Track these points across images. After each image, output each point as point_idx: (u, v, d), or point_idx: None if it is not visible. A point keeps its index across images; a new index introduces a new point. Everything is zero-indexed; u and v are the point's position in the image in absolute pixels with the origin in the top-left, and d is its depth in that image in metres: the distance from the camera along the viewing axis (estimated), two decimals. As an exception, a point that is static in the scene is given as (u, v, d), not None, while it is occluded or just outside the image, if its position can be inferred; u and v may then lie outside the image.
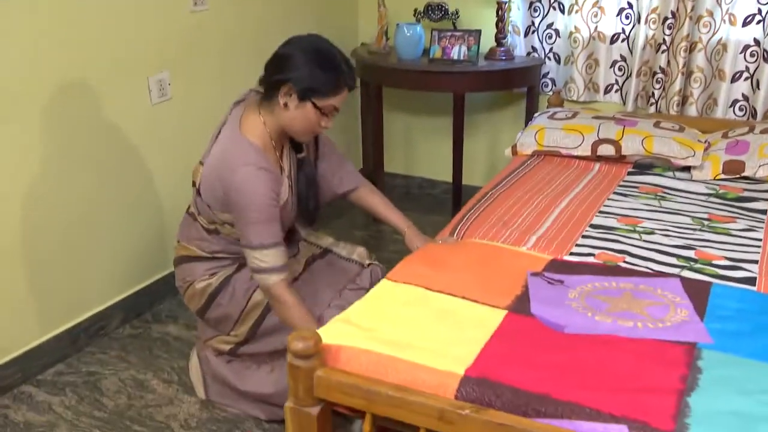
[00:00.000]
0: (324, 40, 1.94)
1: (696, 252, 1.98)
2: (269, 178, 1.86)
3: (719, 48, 2.95)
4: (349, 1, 3.66)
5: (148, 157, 2.63)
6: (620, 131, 2.70)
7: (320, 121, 1.89)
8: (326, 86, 1.85)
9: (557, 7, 3.23)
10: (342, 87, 1.88)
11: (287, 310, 1.87)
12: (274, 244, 1.86)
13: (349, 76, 1.89)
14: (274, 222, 1.87)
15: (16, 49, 2.12)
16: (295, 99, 1.85)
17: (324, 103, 1.86)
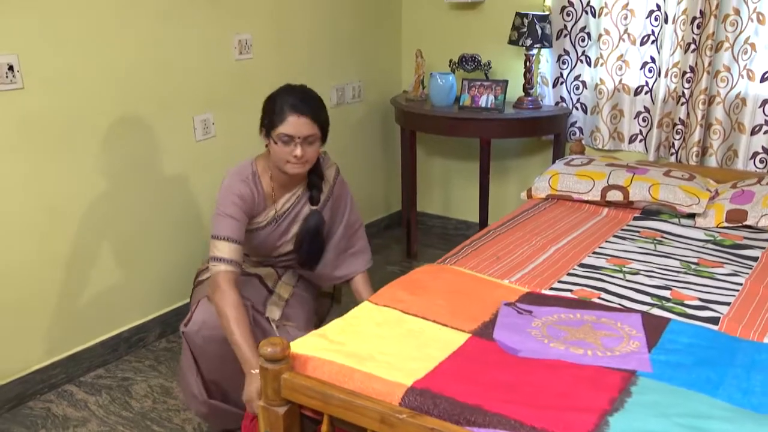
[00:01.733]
0: (288, 84, 2.15)
1: (671, 292, 2.08)
2: (246, 189, 2.12)
3: (738, 102, 3.03)
4: (393, 51, 3.93)
5: (192, 186, 2.94)
6: (629, 178, 2.81)
7: (290, 151, 2.07)
8: (274, 117, 2.07)
9: (584, 60, 3.39)
10: (285, 114, 2.04)
11: (222, 300, 1.99)
12: (226, 238, 2.06)
13: (293, 104, 2.04)
14: (233, 220, 2.08)
15: (80, 87, 2.48)
16: (265, 138, 2.12)
17: (277, 133, 2.06)
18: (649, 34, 3.21)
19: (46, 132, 2.43)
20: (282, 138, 2.06)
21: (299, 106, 2.05)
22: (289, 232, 2.26)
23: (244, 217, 2.13)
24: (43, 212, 2.46)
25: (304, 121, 2.05)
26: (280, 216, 2.23)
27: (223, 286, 2.03)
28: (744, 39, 2.95)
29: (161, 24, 2.70)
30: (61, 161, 2.48)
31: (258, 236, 2.23)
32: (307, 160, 2.11)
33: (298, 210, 2.25)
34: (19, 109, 2.35)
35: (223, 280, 2.04)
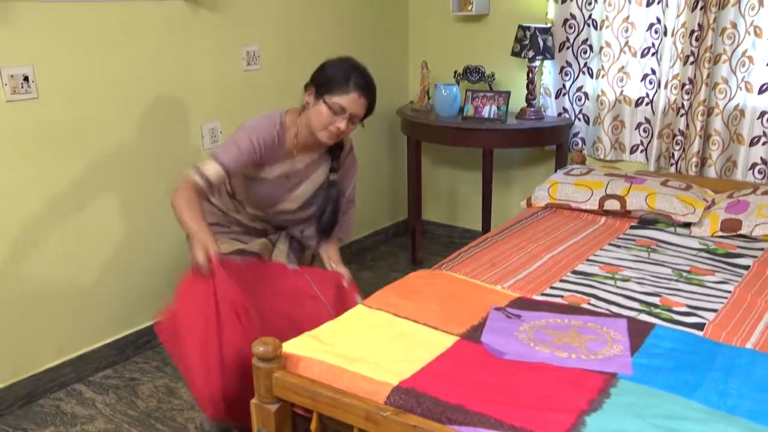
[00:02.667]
0: (350, 57, 2.24)
1: (660, 299, 2.13)
2: (269, 136, 2.19)
3: (736, 113, 3.07)
4: (400, 62, 4.01)
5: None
6: (627, 188, 2.86)
7: (333, 121, 2.16)
8: (336, 85, 2.14)
9: (586, 72, 3.45)
10: (350, 88, 2.14)
11: (178, 195, 2.08)
12: (221, 162, 2.13)
13: (360, 84, 2.15)
14: (239, 152, 2.14)
15: (92, 97, 2.58)
16: (312, 97, 2.19)
17: (332, 101, 2.14)
18: (649, 46, 3.26)
19: (59, 139, 2.53)
20: (335, 107, 2.15)
21: (365, 89, 2.17)
22: (295, 190, 2.32)
23: (251, 156, 2.18)
24: (54, 215, 2.56)
25: (363, 102, 2.18)
26: (292, 174, 2.28)
27: (184, 187, 2.09)
28: (741, 52, 3.00)
29: (170, 36, 2.80)
30: (73, 167, 2.58)
31: (263, 186, 2.28)
32: (343, 135, 2.21)
33: (311, 172, 2.32)
34: (34, 117, 2.45)
35: (188, 185, 2.09)
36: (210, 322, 1.91)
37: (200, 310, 1.93)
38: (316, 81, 2.20)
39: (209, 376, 1.89)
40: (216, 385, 1.89)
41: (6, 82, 2.36)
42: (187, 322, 1.95)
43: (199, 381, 1.91)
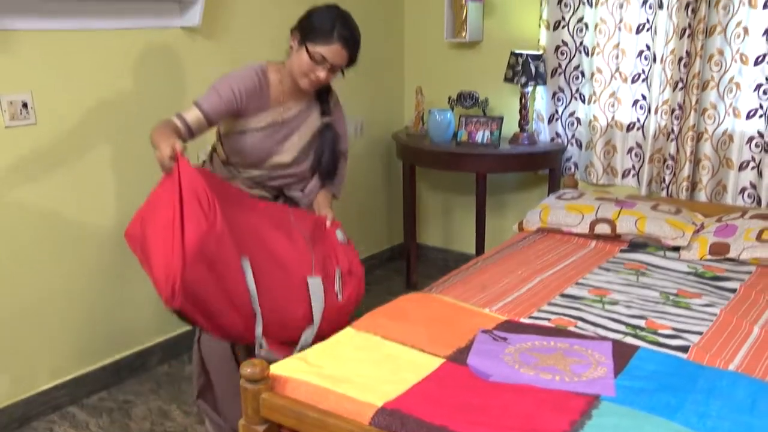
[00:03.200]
0: (338, 6, 2.22)
1: (646, 321, 2.15)
2: (254, 82, 2.19)
3: (725, 138, 3.11)
4: (395, 87, 4.07)
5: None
6: (617, 212, 2.89)
7: (314, 69, 2.17)
8: (320, 34, 2.14)
9: (578, 97, 3.50)
10: (333, 39, 2.13)
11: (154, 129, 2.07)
12: (199, 106, 2.14)
13: (344, 35, 2.14)
14: (219, 99, 2.15)
15: (88, 121, 2.63)
16: (296, 42, 2.19)
17: (314, 50, 2.14)
18: (639, 72, 3.31)
19: (56, 164, 2.58)
20: (316, 56, 2.15)
21: (348, 40, 2.16)
22: (287, 141, 2.31)
23: (231, 104, 2.18)
24: (51, 239, 2.60)
25: (345, 54, 2.18)
26: (281, 122, 2.28)
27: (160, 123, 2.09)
28: (729, 78, 3.05)
29: (168, 63, 2.86)
30: (69, 190, 2.63)
31: (254, 138, 2.26)
32: (323, 83, 2.22)
33: (301, 120, 2.32)
34: (32, 142, 2.50)
35: (164, 120, 2.11)
36: (173, 208, 1.89)
37: (164, 200, 1.92)
38: (301, 27, 2.18)
39: (168, 259, 1.85)
40: (175, 268, 1.84)
41: (5, 109, 2.41)
42: (151, 215, 1.95)
43: (157, 264, 1.88)
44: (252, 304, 2.03)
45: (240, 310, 2.02)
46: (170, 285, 1.85)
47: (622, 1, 3.28)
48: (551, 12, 3.45)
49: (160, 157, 1.93)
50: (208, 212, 1.91)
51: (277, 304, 2.10)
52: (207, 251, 1.88)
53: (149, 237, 1.93)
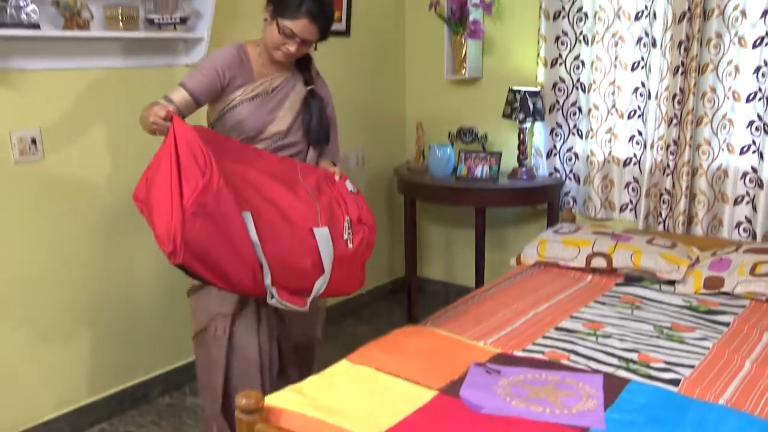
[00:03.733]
0: None
1: (639, 355, 2.18)
2: (234, 56, 2.24)
3: (720, 173, 3.16)
4: (397, 123, 4.15)
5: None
6: (613, 246, 2.93)
7: (284, 43, 2.21)
8: (288, 9, 2.17)
9: (576, 133, 3.56)
10: (300, 14, 2.16)
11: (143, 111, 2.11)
12: (183, 85, 2.19)
13: (312, 10, 2.16)
14: (202, 76, 2.20)
15: (94, 157, 2.71)
16: (269, 16, 2.24)
17: (283, 24, 2.17)
18: (635, 109, 3.37)
19: (63, 198, 2.65)
20: (285, 30, 2.19)
21: (316, 15, 2.18)
22: (279, 109, 2.33)
23: (215, 80, 2.22)
24: (57, 269, 2.66)
25: (313, 29, 2.21)
26: (269, 90, 2.31)
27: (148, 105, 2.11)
28: (722, 115, 3.10)
29: (173, 101, 2.94)
30: (77, 224, 2.69)
31: (245, 109, 2.28)
32: (295, 56, 2.27)
33: (288, 89, 2.35)
34: (40, 177, 2.57)
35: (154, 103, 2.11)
36: (170, 166, 1.93)
37: (163, 159, 1.96)
38: (273, 2, 2.22)
39: (168, 216, 1.89)
40: (175, 224, 1.88)
41: (15, 144, 2.49)
42: (154, 176, 1.99)
43: (159, 221, 1.91)
44: (257, 256, 2.04)
45: (246, 261, 2.03)
46: (171, 241, 1.89)
47: (617, 40, 3.36)
48: (548, 50, 3.53)
49: (155, 119, 1.99)
50: (204, 168, 1.95)
51: (284, 254, 2.10)
52: (205, 206, 1.91)
53: (152, 196, 1.97)
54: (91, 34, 2.57)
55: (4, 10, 2.34)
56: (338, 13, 3.62)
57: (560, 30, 3.50)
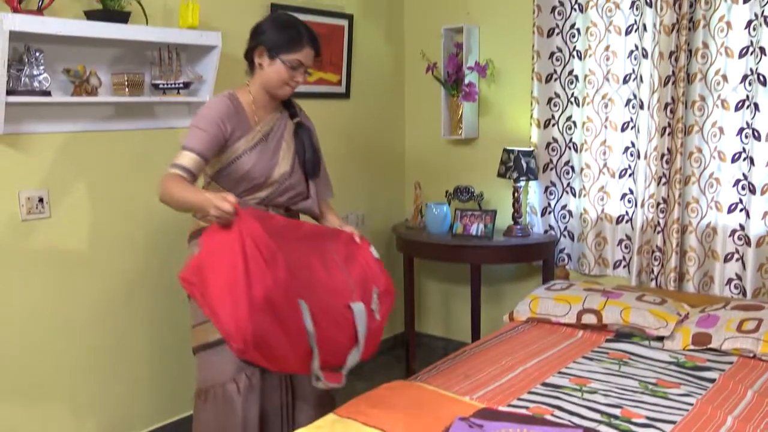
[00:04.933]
0: (285, 13, 2.41)
1: (622, 410, 2.21)
2: (229, 107, 2.28)
3: (709, 231, 3.22)
4: (397, 182, 4.26)
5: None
6: (603, 302, 2.98)
7: (292, 76, 2.31)
8: (289, 44, 2.27)
9: (569, 191, 3.65)
10: (303, 44, 2.29)
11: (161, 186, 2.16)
12: (191, 149, 2.21)
13: (309, 36, 2.30)
14: (203, 132, 2.22)
15: (99, 216, 2.82)
16: (266, 58, 2.30)
17: (290, 58, 2.28)
18: (626, 168, 3.46)
19: (69, 256, 2.75)
20: (293, 63, 2.29)
21: (316, 43, 2.33)
22: (279, 150, 2.40)
23: (217, 133, 2.25)
24: (66, 329, 2.75)
25: (313, 54, 2.34)
26: (266, 134, 2.37)
27: (165, 179, 2.16)
28: (709, 174, 3.18)
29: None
30: (80, 280, 2.79)
31: (249, 158, 2.33)
32: (300, 85, 2.37)
33: (282, 129, 2.42)
34: (45, 236, 2.68)
35: (167, 176, 2.16)
36: (237, 260, 1.94)
37: (225, 250, 1.97)
38: (266, 44, 2.29)
39: (236, 308, 1.90)
40: (243, 317, 1.90)
41: (23, 203, 2.61)
42: (213, 265, 1.99)
43: (225, 314, 1.93)
44: (309, 343, 2.06)
45: (297, 349, 2.06)
46: (242, 339, 1.91)
47: (607, 102, 3.47)
48: (541, 111, 3.64)
49: (218, 212, 2.00)
50: (271, 262, 1.97)
51: (328, 335, 2.13)
52: (273, 302, 1.94)
53: (213, 286, 1.98)
54: (99, 99, 2.72)
55: (18, 79, 2.49)
56: (338, 75, 3.77)
57: (552, 92, 3.62)
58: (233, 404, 2.38)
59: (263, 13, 3.33)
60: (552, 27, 3.58)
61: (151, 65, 2.90)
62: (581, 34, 3.52)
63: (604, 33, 3.45)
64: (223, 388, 2.38)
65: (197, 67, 3.00)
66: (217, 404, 2.39)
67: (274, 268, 1.98)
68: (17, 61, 2.48)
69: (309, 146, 2.48)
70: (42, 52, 2.51)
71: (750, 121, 3.05)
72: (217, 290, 1.96)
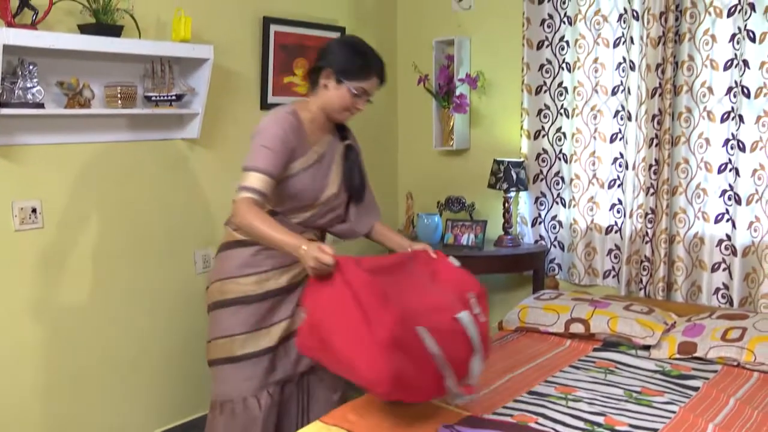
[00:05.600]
0: (358, 38, 2.42)
1: (605, 418, 2.23)
2: (293, 124, 2.26)
3: (696, 241, 3.25)
4: (390, 193, 4.29)
5: (191, 315, 3.22)
6: (591, 312, 3.01)
7: (354, 103, 2.33)
8: (358, 71, 2.30)
9: (559, 201, 3.68)
10: (371, 73, 2.31)
11: (239, 218, 2.13)
12: (258, 169, 2.17)
13: (378, 66, 2.33)
14: (270, 151, 2.19)
15: (92, 226, 2.85)
16: (333, 81, 2.31)
17: (356, 86, 2.30)
18: (615, 178, 3.50)
19: (61, 266, 2.78)
20: (358, 91, 2.31)
21: (383, 74, 2.37)
22: (330, 172, 2.42)
23: (285, 150, 2.23)
24: (55, 338, 2.77)
25: (378, 83, 2.37)
26: (321, 156, 2.38)
27: (240, 208, 2.12)
28: (696, 185, 3.22)
29: (169, 172, 3.11)
30: (72, 290, 2.82)
31: (303, 179, 2.34)
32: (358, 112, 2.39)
33: (333, 150, 2.44)
34: (38, 245, 2.71)
35: (240, 202, 2.13)
36: (351, 310, 1.94)
37: (336, 305, 1.97)
38: (335, 67, 2.30)
39: (369, 357, 1.90)
40: (378, 362, 1.90)
41: (16, 214, 2.64)
42: (329, 323, 1.99)
43: (360, 365, 1.92)
44: (438, 365, 2.05)
45: (430, 374, 2.05)
46: (384, 383, 1.92)
47: (596, 113, 3.51)
48: (531, 122, 3.69)
49: (317, 264, 1.99)
50: (383, 302, 1.97)
51: (449, 351, 2.10)
52: (399, 339, 1.94)
53: (336, 342, 1.98)
54: (92, 111, 2.76)
55: (12, 91, 2.53)
56: (331, 88, 3.82)
57: (542, 104, 3.66)
58: (255, 420, 2.41)
59: (255, 27, 3.38)
60: (541, 39, 3.63)
61: (143, 78, 2.94)
62: (570, 46, 3.57)
63: (592, 45, 3.49)
64: (244, 404, 2.41)
65: (189, 80, 3.04)
66: (236, 418, 2.42)
67: (387, 307, 1.97)
68: (11, 74, 2.52)
69: (357, 171, 2.51)
70: (35, 65, 2.55)
71: (735, 133, 3.09)
72: (343, 345, 1.96)
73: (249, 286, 2.41)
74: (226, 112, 3.31)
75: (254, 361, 2.42)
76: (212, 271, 2.55)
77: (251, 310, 2.42)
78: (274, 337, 2.44)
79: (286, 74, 3.56)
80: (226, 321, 2.43)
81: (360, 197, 2.54)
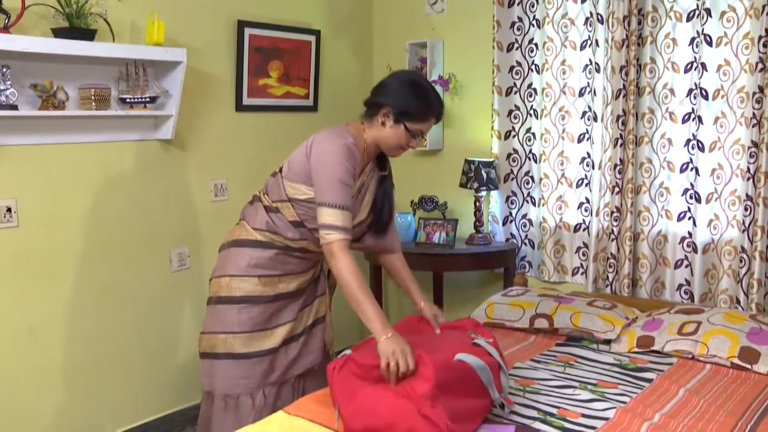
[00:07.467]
0: (420, 75, 2.43)
1: (559, 410, 2.31)
2: (355, 157, 2.27)
3: (660, 238, 3.34)
4: (367, 192, 4.37)
5: (166, 312, 3.30)
6: (555, 308, 3.09)
7: (409, 141, 2.34)
8: (418, 114, 2.29)
9: (529, 200, 3.76)
10: (430, 116, 2.33)
11: (339, 267, 2.17)
12: (344, 206, 2.20)
13: (437, 109, 2.34)
14: (344, 186, 2.21)
15: (68, 225, 2.92)
16: (391, 120, 2.31)
17: (414, 127, 2.31)
18: (582, 178, 3.58)
19: (36, 265, 2.85)
20: (416, 132, 2.32)
21: (441, 114, 2.38)
22: (364, 200, 2.44)
23: (353, 181, 2.27)
24: (27, 335, 2.84)
25: (434, 123, 2.38)
26: (363, 184, 2.41)
27: (338, 253, 2.17)
28: (659, 184, 3.31)
29: (144, 172, 3.18)
30: (47, 288, 2.89)
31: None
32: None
33: (370, 179, 2.46)
34: (13, 244, 2.78)
35: (337, 247, 2.18)
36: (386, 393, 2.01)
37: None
38: (396, 108, 2.29)
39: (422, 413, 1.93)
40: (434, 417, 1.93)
41: (-9, 213, 2.72)
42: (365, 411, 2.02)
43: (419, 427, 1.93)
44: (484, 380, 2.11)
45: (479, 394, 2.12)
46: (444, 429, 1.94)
47: (564, 114, 3.60)
48: (502, 123, 3.77)
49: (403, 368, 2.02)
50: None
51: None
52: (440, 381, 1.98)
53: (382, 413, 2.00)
54: (66, 113, 2.82)
55: (-15, 93, 2.60)
56: (305, 89, 3.89)
57: (512, 105, 3.75)
58: (246, 419, 2.46)
59: (230, 30, 3.45)
60: (511, 42, 3.71)
61: (118, 80, 3.02)
62: (539, 48, 3.65)
63: (560, 48, 3.58)
64: (237, 400, 2.47)
65: (163, 82, 3.11)
66: (228, 414, 2.48)
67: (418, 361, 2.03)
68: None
69: (389, 202, 2.53)
70: (9, 68, 2.62)
71: (695, 133, 3.18)
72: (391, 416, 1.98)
73: (259, 286, 2.46)
74: (201, 114, 3.38)
75: (255, 361, 2.47)
76: (220, 264, 2.55)
77: (259, 310, 2.47)
78: (277, 338, 2.51)
79: (261, 76, 3.64)
80: (229, 317, 2.46)
81: (384, 229, 2.55)
